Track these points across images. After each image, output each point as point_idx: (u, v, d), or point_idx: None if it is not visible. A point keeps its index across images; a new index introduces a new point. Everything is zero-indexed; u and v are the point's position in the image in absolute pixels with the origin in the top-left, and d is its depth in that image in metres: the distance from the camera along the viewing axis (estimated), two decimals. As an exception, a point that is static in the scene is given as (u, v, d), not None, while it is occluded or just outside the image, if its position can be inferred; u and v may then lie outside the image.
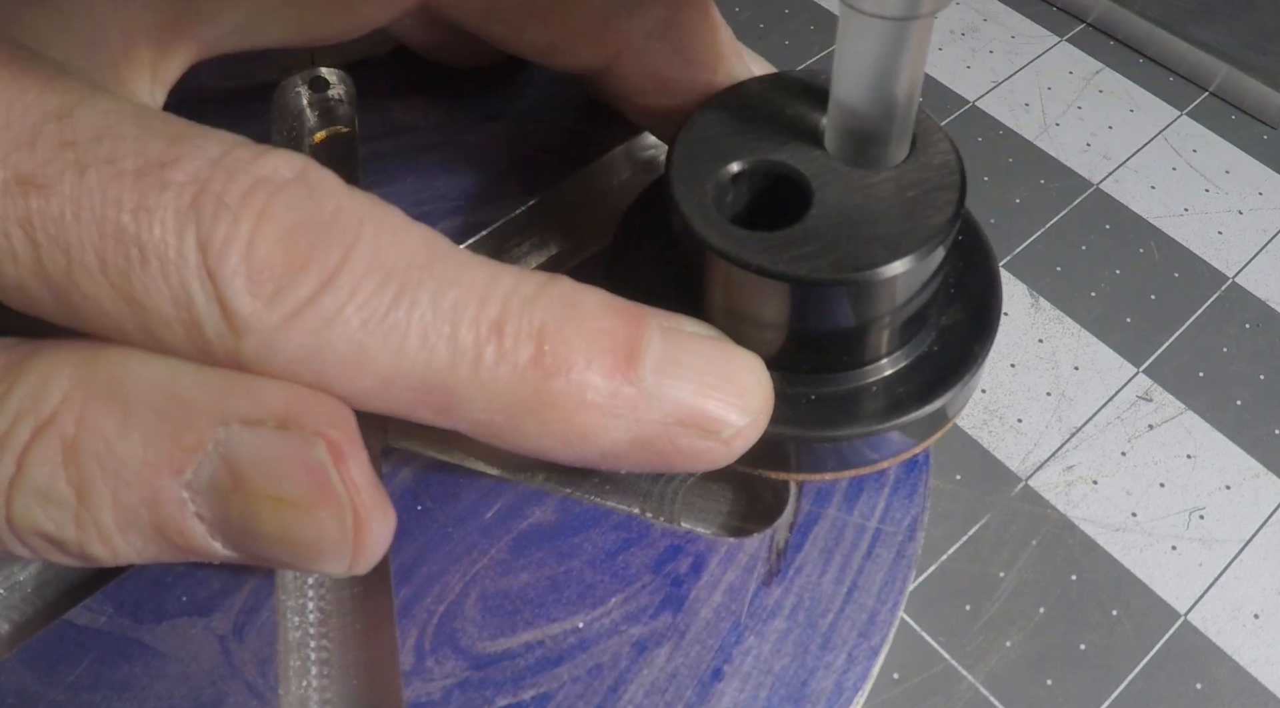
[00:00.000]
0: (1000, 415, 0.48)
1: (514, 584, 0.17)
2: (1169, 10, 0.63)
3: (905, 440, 0.17)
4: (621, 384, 0.14)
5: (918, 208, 0.15)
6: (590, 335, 0.14)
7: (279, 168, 0.13)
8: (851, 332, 0.16)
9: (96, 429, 0.13)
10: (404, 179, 0.21)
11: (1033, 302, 0.52)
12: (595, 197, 0.23)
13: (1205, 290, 0.53)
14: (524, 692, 0.16)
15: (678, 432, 0.14)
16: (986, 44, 0.64)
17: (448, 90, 0.23)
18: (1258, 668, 0.41)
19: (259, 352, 0.13)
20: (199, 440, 0.13)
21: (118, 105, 0.13)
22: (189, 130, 0.13)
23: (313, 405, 0.13)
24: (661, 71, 0.18)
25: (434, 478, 0.18)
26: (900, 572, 0.18)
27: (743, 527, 0.19)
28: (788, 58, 0.62)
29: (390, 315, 0.13)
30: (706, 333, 0.15)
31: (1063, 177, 0.57)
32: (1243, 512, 0.45)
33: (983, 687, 0.40)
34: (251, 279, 0.12)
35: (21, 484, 0.13)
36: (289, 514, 0.13)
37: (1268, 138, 0.59)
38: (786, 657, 0.17)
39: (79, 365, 0.13)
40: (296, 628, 0.16)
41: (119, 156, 0.12)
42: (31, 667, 0.16)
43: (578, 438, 0.14)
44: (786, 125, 0.17)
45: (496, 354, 0.13)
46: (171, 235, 0.12)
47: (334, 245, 0.13)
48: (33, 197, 0.12)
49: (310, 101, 0.23)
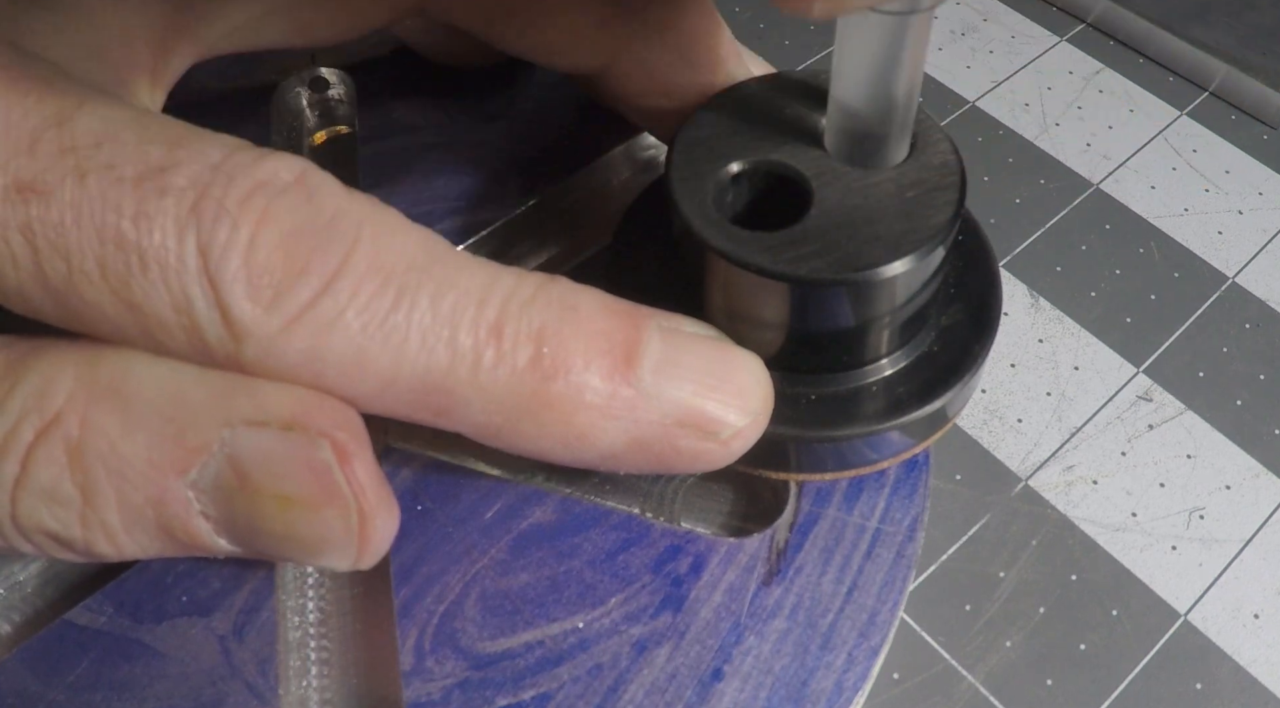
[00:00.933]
0: (1000, 415, 0.48)
1: (514, 584, 0.17)
2: (1169, 10, 0.63)
3: (905, 440, 0.17)
4: (620, 385, 0.14)
5: (918, 208, 0.15)
6: (588, 337, 0.14)
7: (279, 171, 0.13)
8: (851, 332, 0.16)
9: (101, 430, 0.13)
10: (404, 179, 0.21)
11: (1033, 302, 0.52)
12: (595, 197, 0.23)
13: (1205, 290, 0.53)
14: (524, 692, 0.16)
15: (676, 433, 0.14)
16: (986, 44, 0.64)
17: (448, 90, 0.23)
18: (1258, 668, 0.41)
19: (259, 356, 0.13)
20: (204, 441, 0.13)
21: (117, 110, 0.13)
22: (189, 134, 0.13)
23: (317, 406, 0.13)
24: (661, 73, 0.18)
25: (434, 478, 0.18)
26: (900, 572, 0.18)
27: (743, 527, 0.19)
28: (788, 58, 0.62)
29: (390, 319, 0.13)
30: (706, 333, 0.15)
31: (1063, 176, 0.57)
32: (1243, 512, 0.45)
33: (983, 687, 0.40)
34: (251, 284, 0.12)
35: (27, 484, 0.13)
36: (295, 513, 0.13)
37: (1268, 138, 0.59)
38: (786, 657, 0.17)
39: (82, 365, 0.13)
40: (296, 628, 0.16)
41: (118, 162, 0.12)
42: (31, 667, 0.16)
43: (576, 439, 0.14)
44: (786, 125, 0.17)
45: (495, 357, 0.13)
46: (172, 241, 0.12)
47: (333, 249, 0.13)
48: (33, 203, 0.12)
49: (310, 102, 0.23)
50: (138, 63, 0.15)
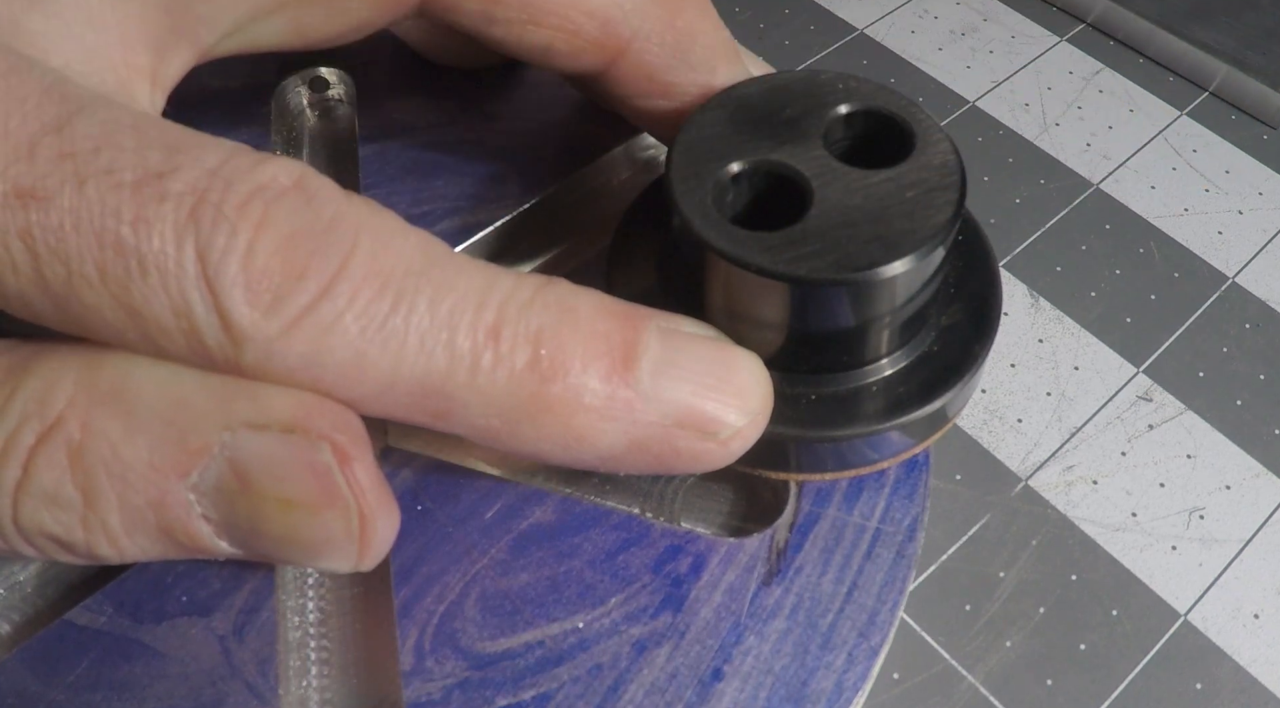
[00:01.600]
0: (1000, 415, 0.48)
1: (514, 584, 0.17)
2: (1169, 10, 0.63)
3: (905, 440, 0.17)
4: (618, 387, 0.14)
5: (918, 208, 0.15)
6: (586, 339, 0.14)
7: (277, 176, 0.13)
8: (851, 332, 0.16)
9: (102, 433, 0.13)
10: (404, 179, 0.21)
11: (1033, 302, 0.52)
12: (595, 197, 0.23)
13: (1205, 290, 0.53)
14: (524, 692, 0.16)
15: (675, 433, 0.14)
16: (986, 44, 0.64)
17: (448, 90, 0.23)
18: (1258, 668, 0.41)
19: (259, 359, 0.13)
20: (204, 444, 0.13)
21: (117, 114, 0.13)
22: (188, 139, 0.13)
23: (318, 409, 0.13)
24: (660, 74, 0.18)
25: (434, 478, 0.18)
26: (900, 572, 0.18)
27: (743, 527, 0.19)
28: (788, 58, 0.62)
29: (388, 322, 0.13)
30: (705, 333, 0.15)
31: (1063, 176, 0.57)
32: (1243, 512, 0.45)
33: (983, 687, 0.40)
34: (250, 289, 0.12)
35: (28, 488, 0.13)
36: (296, 516, 0.13)
37: (1268, 138, 0.59)
38: (786, 657, 0.17)
39: (83, 369, 0.13)
40: (296, 628, 0.16)
41: (118, 167, 0.12)
42: (31, 667, 0.16)
43: (575, 441, 0.14)
44: (786, 125, 0.17)
45: (493, 359, 0.13)
46: (170, 246, 0.12)
47: (332, 254, 0.13)
48: (32, 209, 0.12)
49: (310, 101, 0.23)
50: (138, 66, 0.15)
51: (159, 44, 0.16)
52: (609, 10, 0.17)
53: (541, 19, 0.17)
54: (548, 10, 0.17)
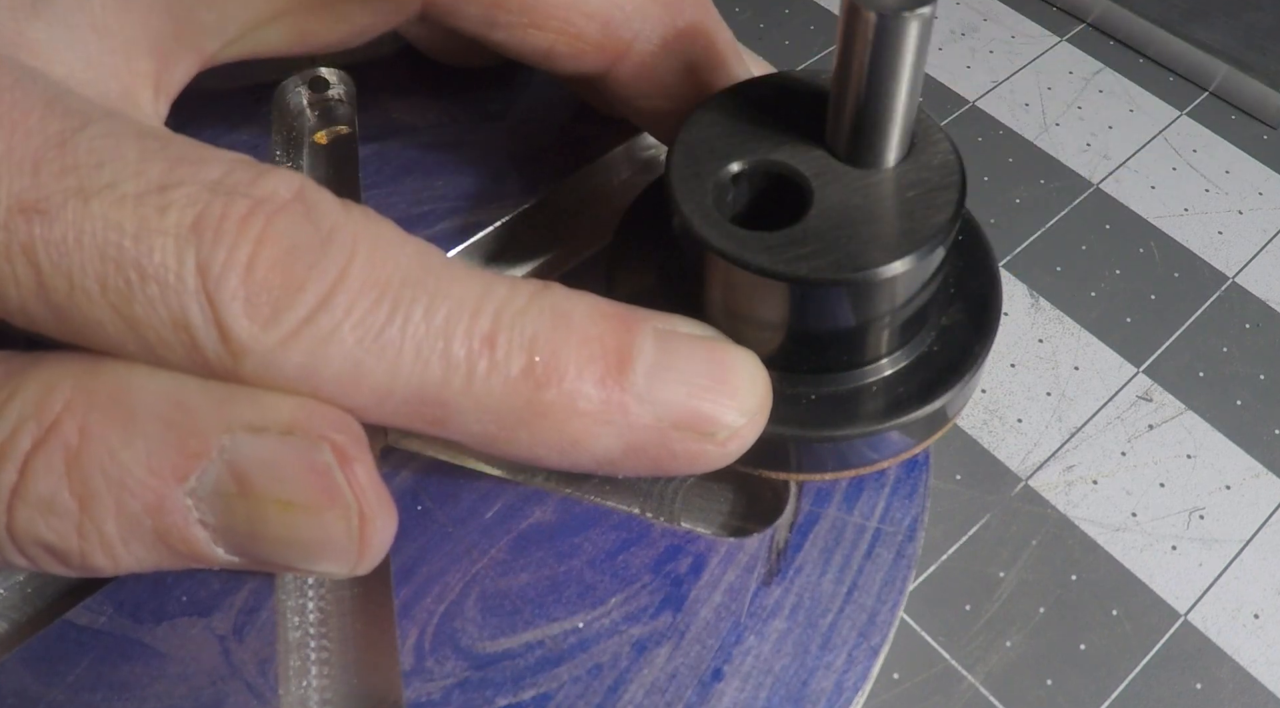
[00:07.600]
0: (1000, 415, 0.48)
1: (514, 584, 0.17)
2: (1169, 10, 0.63)
3: (905, 440, 0.17)
4: (612, 391, 0.14)
5: (918, 208, 0.15)
6: (580, 344, 0.14)
7: (277, 189, 0.13)
8: (851, 331, 0.16)
9: (100, 437, 0.13)
10: (404, 179, 0.21)
11: (1033, 302, 0.52)
12: (595, 197, 0.23)
13: (1205, 290, 0.53)
14: (524, 692, 0.16)
15: (672, 435, 0.14)
16: (986, 44, 0.64)
17: (448, 90, 0.23)
18: (1258, 668, 0.41)
19: (257, 370, 0.13)
20: (203, 447, 0.13)
21: (119, 127, 0.13)
22: (190, 151, 0.13)
23: (317, 411, 0.13)
24: (661, 75, 0.18)
25: (434, 478, 0.18)
26: (900, 572, 0.18)
27: (743, 527, 0.19)
28: (788, 58, 0.62)
29: (385, 332, 0.13)
30: (703, 333, 0.15)
31: (1063, 176, 0.57)
32: (1243, 512, 0.45)
33: (983, 687, 0.40)
34: (249, 302, 0.12)
35: (24, 494, 0.13)
36: (296, 517, 0.13)
37: (1268, 138, 0.59)
38: (786, 657, 0.17)
39: (81, 374, 0.13)
40: (296, 628, 0.16)
41: (120, 181, 0.12)
42: (31, 667, 0.16)
43: (571, 446, 0.14)
44: (786, 125, 0.17)
45: (488, 367, 0.13)
46: (171, 260, 0.12)
47: (330, 265, 0.13)
48: (36, 223, 0.12)
49: (310, 102, 0.23)
50: (141, 73, 0.15)
51: (162, 51, 0.16)
52: (610, 12, 0.17)
53: (543, 22, 0.17)
54: (549, 13, 0.17)
